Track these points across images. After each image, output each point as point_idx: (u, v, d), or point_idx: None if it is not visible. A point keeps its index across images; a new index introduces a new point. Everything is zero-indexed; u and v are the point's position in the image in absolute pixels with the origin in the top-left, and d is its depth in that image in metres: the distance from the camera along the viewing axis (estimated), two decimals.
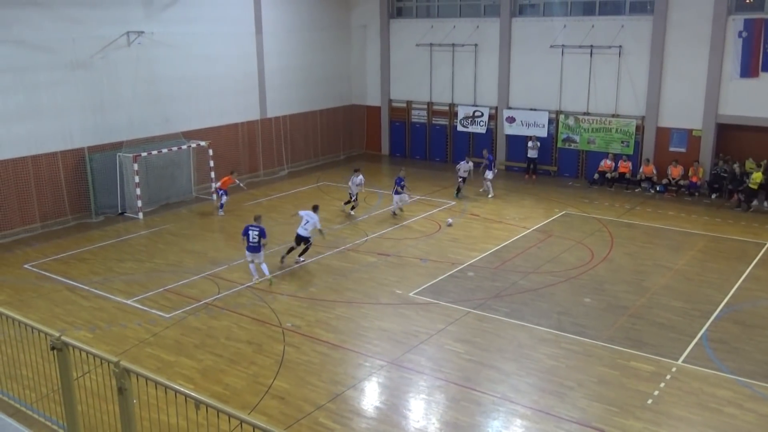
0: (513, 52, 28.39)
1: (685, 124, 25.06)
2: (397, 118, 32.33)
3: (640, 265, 17.72)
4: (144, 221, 22.28)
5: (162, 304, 15.56)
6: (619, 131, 26.29)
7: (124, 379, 6.55)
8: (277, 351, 13.25)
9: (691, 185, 24.55)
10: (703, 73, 24.23)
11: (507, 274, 17.28)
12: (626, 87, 26.04)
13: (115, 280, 17.21)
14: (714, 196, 24.22)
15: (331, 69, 31.59)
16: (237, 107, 27.21)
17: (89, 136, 22.28)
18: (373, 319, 14.76)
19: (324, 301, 15.72)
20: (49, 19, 20.89)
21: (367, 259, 18.49)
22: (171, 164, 24.15)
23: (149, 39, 23.48)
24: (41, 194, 21.28)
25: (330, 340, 13.70)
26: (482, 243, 19.69)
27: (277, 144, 29.11)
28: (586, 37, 26.31)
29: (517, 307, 15.19)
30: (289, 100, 29.42)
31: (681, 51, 24.61)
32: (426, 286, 16.54)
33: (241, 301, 15.76)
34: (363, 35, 32.34)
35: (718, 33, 23.69)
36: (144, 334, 14.08)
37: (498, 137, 29.35)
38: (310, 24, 30.09)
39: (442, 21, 30.04)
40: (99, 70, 22.34)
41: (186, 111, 25.07)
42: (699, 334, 13.77)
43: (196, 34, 25.08)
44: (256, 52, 27.81)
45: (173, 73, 24.45)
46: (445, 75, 30.38)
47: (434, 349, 13.32)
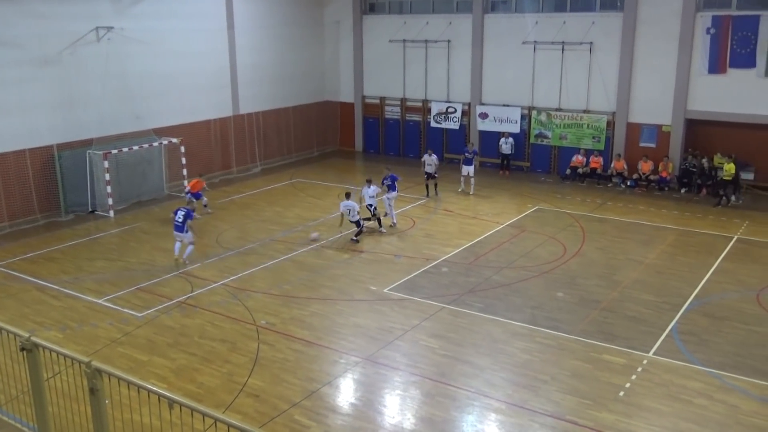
0: (485, 48, 28.51)
1: (655, 119, 25.39)
2: (370, 115, 32.30)
3: (612, 260, 17.94)
4: (115, 219, 22.02)
5: (134, 303, 15.40)
6: (590, 127, 26.56)
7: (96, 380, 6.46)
8: (251, 349, 13.19)
9: (661, 180, 24.89)
10: (672, 70, 24.57)
11: (481, 269, 17.38)
12: (597, 83, 26.30)
13: (85, 279, 16.99)
14: (683, 191, 24.58)
15: (304, 65, 31.46)
16: (209, 104, 26.99)
17: (58, 133, 21.95)
18: (348, 315, 14.75)
19: (298, 298, 15.67)
20: (17, 15, 20.52)
21: (341, 256, 18.47)
22: (142, 161, 23.88)
23: (119, 35, 23.18)
24: (9, 193, 20.92)
25: (305, 338, 13.67)
26: (456, 239, 19.78)
27: (249, 141, 28.94)
28: (557, 34, 26.52)
29: (491, 302, 15.28)
30: (261, 96, 29.25)
31: (651, 47, 24.92)
32: (400, 282, 16.57)
33: (214, 299, 15.65)
34: (336, 31, 32.25)
35: (687, 29, 24.03)
36: (116, 333, 13.93)
37: (471, 133, 29.47)
38: (283, 20, 29.92)
39: (415, 17, 30.06)
40: (68, 66, 22.00)
41: (157, 108, 24.79)
42: (669, 326, 13.98)
43: (167, 30, 24.81)
44: (228, 48, 27.60)
45: (144, 69, 24.16)
46: (419, 71, 30.43)
47: (409, 345, 13.35)
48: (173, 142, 24.33)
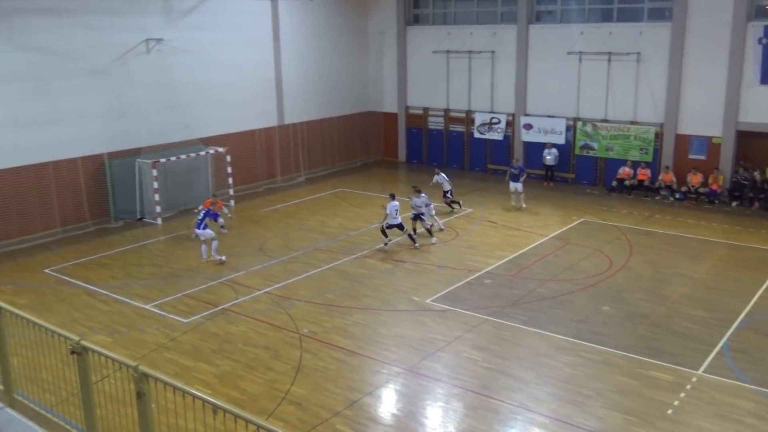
0: (530, 58, 28.31)
1: (705, 131, 24.83)
2: (413, 125, 32.32)
3: (660, 274, 17.55)
4: (162, 227, 22.42)
5: (180, 309, 15.63)
6: (637, 138, 26.11)
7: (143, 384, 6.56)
8: (294, 357, 13.26)
9: (711, 193, 24.31)
10: (723, 80, 24.00)
11: (525, 281, 17.18)
12: (645, 94, 25.87)
13: (133, 284, 17.31)
14: (734, 204, 23.96)
15: (349, 75, 31.67)
16: (255, 114, 27.35)
17: (109, 142, 22.49)
18: (390, 325, 14.73)
19: (340, 307, 15.71)
20: (70, 27, 21.13)
21: (383, 266, 18.47)
22: (189, 170, 24.28)
23: (168, 46, 23.68)
24: (62, 200, 21.49)
25: (347, 347, 13.69)
26: (499, 250, 19.61)
27: (294, 150, 29.21)
28: (603, 44, 26.18)
29: (534, 315, 15.09)
30: (306, 106, 29.52)
31: (700, 57, 24.41)
32: (443, 293, 16.48)
33: (258, 306, 15.79)
34: (380, 42, 32.41)
35: (738, 39, 23.48)
36: (162, 338, 14.15)
37: (515, 144, 29.25)
38: (328, 31, 30.20)
39: (458, 28, 30.03)
40: (118, 77, 22.56)
41: (204, 117, 25.22)
42: (720, 343, 13.60)
43: (215, 41, 25.26)
44: (273, 58, 27.96)
45: (192, 79, 24.63)
46: (462, 82, 30.35)
47: (451, 357, 13.25)
48: (219, 152, 24.69)
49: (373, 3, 32.15)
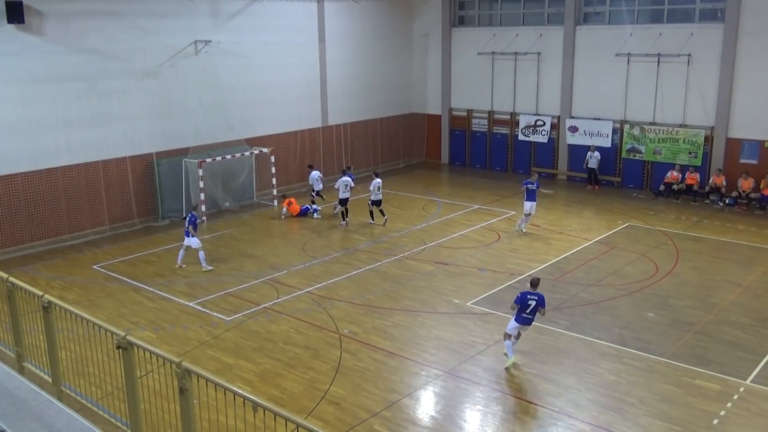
0: (577, 60, 27.96)
1: (757, 135, 24.18)
2: (457, 127, 32.22)
3: (708, 281, 17.15)
4: (207, 225, 22.76)
5: (223, 308, 15.86)
6: (686, 142, 25.56)
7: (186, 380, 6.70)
8: (333, 357, 13.34)
9: (762, 198, 23.65)
10: None
11: (567, 286, 16.98)
12: (695, 96, 25.31)
13: (178, 282, 17.64)
14: None
15: (393, 77, 31.75)
16: (299, 115, 27.61)
17: (157, 142, 22.96)
18: (430, 327, 14.71)
19: (381, 308, 15.75)
20: (121, 29, 21.65)
21: (425, 268, 18.45)
22: (234, 171, 24.62)
23: (216, 48, 24.07)
24: (110, 198, 22.02)
25: (386, 348, 13.72)
26: (542, 254, 19.41)
27: (337, 151, 29.39)
28: (653, 45, 25.71)
29: (577, 320, 14.90)
30: (350, 108, 29.69)
31: (753, 60, 23.79)
32: (484, 296, 16.39)
33: (299, 306, 15.93)
34: (425, 44, 32.39)
35: None
36: (205, 336, 14.38)
37: (560, 147, 28.92)
38: (373, 33, 30.32)
39: (504, 29, 29.83)
40: (167, 78, 23.02)
41: (249, 118, 25.57)
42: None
43: (261, 43, 25.58)
44: (318, 60, 28.18)
45: (238, 81, 25.00)
46: (507, 84, 30.14)
47: (491, 360, 13.17)
48: (264, 152, 24.98)
49: (418, 5, 32.15)
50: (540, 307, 12.72)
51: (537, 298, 12.71)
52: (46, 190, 20.52)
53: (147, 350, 7.32)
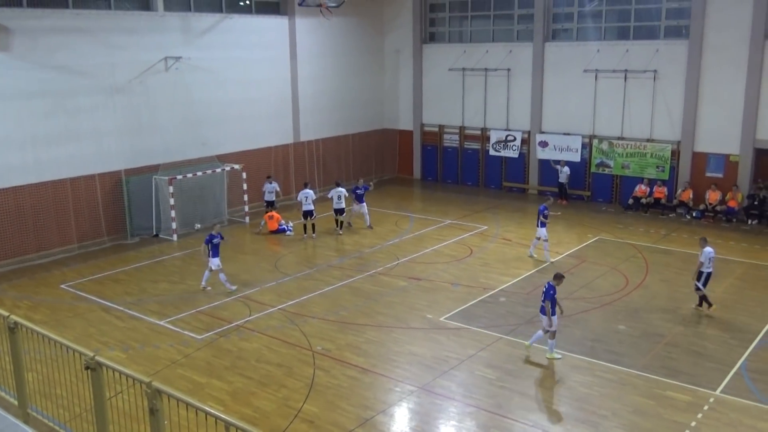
0: (546, 76, 28.34)
1: (722, 149, 24.68)
2: (429, 142, 32.40)
3: (677, 292, 17.39)
4: (178, 243, 22.57)
5: (194, 326, 15.69)
6: (654, 156, 25.99)
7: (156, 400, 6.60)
8: (307, 374, 13.25)
9: (728, 210, 24.10)
10: (740, 97, 23.89)
11: (539, 299, 17.01)
12: (661, 111, 25.78)
13: (148, 300, 17.41)
14: (753, 222, 23.73)
15: (364, 93, 31.87)
16: (271, 131, 27.55)
17: (126, 159, 22.73)
18: (404, 343, 14.69)
19: (354, 324, 15.70)
20: (90, 45, 21.45)
21: (398, 283, 18.46)
22: (205, 187, 24.46)
23: (186, 64, 23.97)
24: (79, 216, 21.71)
25: (360, 364, 13.66)
26: (514, 268, 19.54)
27: (309, 167, 29.36)
28: (620, 62, 26.16)
29: None
30: (322, 124, 29.71)
31: (717, 75, 24.32)
32: (457, 310, 16.43)
33: (272, 323, 15.82)
34: (396, 60, 32.60)
35: (756, 56, 23.37)
36: (176, 355, 14.20)
37: (531, 162, 29.22)
38: (344, 49, 30.44)
39: (474, 46, 30.15)
40: (137, 94, 22.83)
41: (221, 135, 25.45)
42: (738, 363, 13.43)
43: (232, 59, 25.53)
44: (290, 76, 28.19)
45: (209, 97, 24.90)
46: (478, 99, 30.43)
47: (465, 375, 13.19)
48: (235, 169, 24.87)
49: (389, 21, 32.38)
50: (546, 299, 13.63)
51: (545, 287, 13.78)
52: (12, 209, 20.17)
53: (116, 370, 7.20)
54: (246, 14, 26.40)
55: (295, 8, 27.22)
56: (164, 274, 19.54)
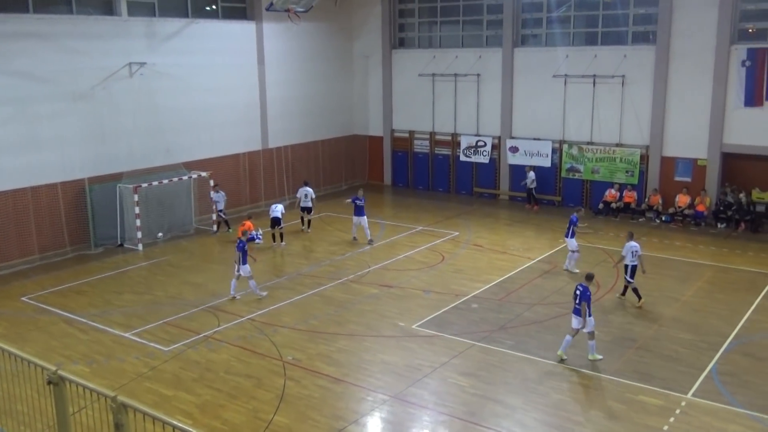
0: (516, 81, 28.60)
1: (690, 153, 25.12)
2: (399, 148, 32.47)
3: (647, 296, 17.58)
4: (143, 253, 22.29)
5: (161, 338, 15.48)
6: (623, 161, 26.36)
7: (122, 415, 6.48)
8: (277, 385, 13.15)
9: (697, 214, 24.50)
10: (707, 103, 24.35)
11: (512, 305, 17.19)
12: (630, 116, 26.17)
13: (113, 312, 17.15)
14: (721, 226, 24.16)
15: (334, 99, 31.85)
16: (239, 138, 27.38)
17: (90, 167, 22.39)
18: (376, 352, 14.66)
19: (325, 333, 15.63)
20: (52, 51, 21.12)
21: (369, 291, 18.43)
22: (171, 195, 24.21)
23: (151, 70, 23.72)
24: (40, 226, 21.32)
25: (331, 374, 13.60)
26: (486, 274, 19.63)
27: (278, 174, 29.22)
28: (588, 67, 26.52)
29: (522, 340, 15.08)
30: (290, 130, 29.61)
31: (684, 80, 24.77)
32: (429, 318, 16.45)
33: (241, 333, 15.68)
34: (365, 65, 32.65)
35: (721, 62, 23.87)
36: (142, 368, 13.99)
37: (501, 167, 29.43)
38: (313, 54, 30.40)
39: (444, 51, 30.33)
40: (100, 101, 22.53)
41: (187, 142, 25.22)
42: (708, 367, 13.64)
43: (198, 65, 25.33)
44: (258, 82, 28.06)
45: (175, 103, 24.66)
46: (448, 105, 30.59)
47: (438, 383, 13.20)
48: (202, 176, 24.65)
49: (358, 27, 32.43)
50: (582, 300, 13.63)
51: (581, 290, 13.82)
52: None
53: (80, 385, 7.05)
54: (212, 19, 26.23)
55: (263, 13, 27.13)
56: (129, 285, 19.27)
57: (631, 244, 17.05)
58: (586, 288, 13.94)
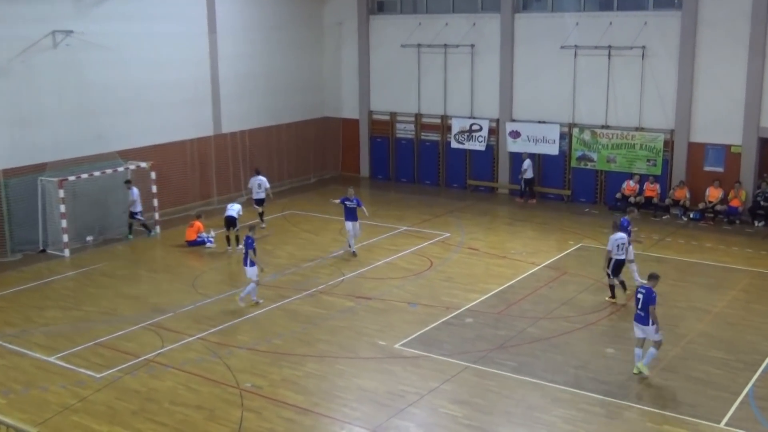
0: (516, 54, 28.70)
1: (723, 139, 25.36)
2: (378, 134, 32.47)
3: (673, 308, 17.73)
4: (71, 260, 22.12)
5: (92, 362, 15.37)
6: (644, 148, 26.54)
7: None
8: (233, 418, 13.09)
9: (730, 211, 24.73)
10: (742, 80, 24.58)
11: (513, 320, 17.25)
12: (652, 95, 26.36)
13: (34, 332, 17.00)
14: (759, 224, 24.41)
15: (300, 75, 31.80)
16: (186, 121, 27.25)
17: (5, 156, 22.20)
18: (351, 376, 14.65)
19: (291, 355, 15.59)
20: None
21: (343, 304, 18.41)
22: (105, 191, 24.03)
23: (79, 40, 23.52)
24: None
25: (299, 404, 13.57)
26: (482, 283, 19.68)
27: (234, 165, 29.10)
28: (603, 37, 26.66)
29: (525, 360, 15.13)
30: (248, 112, 29.53)
31: (715, 53, 24.98)
32: (415, 335, 16.46)
33: (189, 356, 15.60)
34: (338, 35, 32.61)
35: (759, 33, 24.07)
36: (69, 398, 13.88)
37: (500, 155, 29.52)
38: (274, 22, 30.32)
39: (432, 17, 30.36)
40: (18, 77, 22.33)
41: (124, 126, 25.05)
42: (744, 390, 13.76)
43: (137, 35, 25.16)
44: (209, 55, 27.96)
45: (109, 80, 24.49)
46: (437, 82, 30.63)
47: (426, 413, 13.20)
48: (142, 167, 24.50)
49: None
50: (649, 305, 13.90)
51: (644, 292, 14.11)
52: None
53: None
54: None
55: None
56: (54, 299, 19.10)
57: (617, 236, 17.69)
58: (650, 290, 14.19)
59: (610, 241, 17.74)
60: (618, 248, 17.62)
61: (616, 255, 17.67)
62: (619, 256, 17.67)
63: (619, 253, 17.65)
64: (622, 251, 17.69)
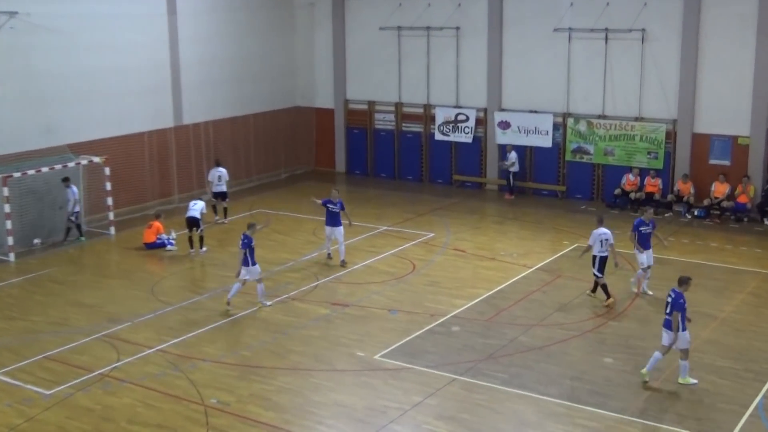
0: (506, 37, 28.76)
1: (729, 129, 25.54)
2: (355, 125, 32.46)
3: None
4: (16, 265, 21.98)
5: (40, 377, 15.26)
6: (644, 139, 26.68)
7: None
8: None
9: (738, 207, 24.89)
10: (750, 65, 24.76)
11: (503, 327, 17.28)
12: (652, 82, 26.49)
13: None
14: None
15: (269, 61, 31.76)
16: (143, 111, 27.15)
17: None
18: (327, 391, 14.63)
19: (261, 368, 15.55)
20: None
21: (318, 311, 18.39)
22: (54, 188, 23.87)
23: (25, 22, 23.37)
24: None
25: (269, 421, 13.53)
26: (470, 287, 19.72)
27: (197, 160, 29.00)
28: (599, 18, 26.76)
29: (517, 372, 15.16)
30: (213, 101, 29.46)
31: (721, 36, 25.13)
32: (396, 345, 16.46)
33: (149, 370, 15.52)
34: (310, 16, 32.59)
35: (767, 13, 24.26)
36: (15, 418, 13.76)
37: (488, 148, 29.58)
38: (241, 2, 30.31)
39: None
40: None
41: (74, 117, 24.94)
42: (754, 402, 13.84)
43: (88, 16, 25.06)
44: (168, 38, 27.85)
45: (57, 67, 24.36)
46: (419, 68, 30.65)
47: (409, 430, 13.19)
48: (95, 162, 24.35)
49: None
50: (674, 310, 14.15)
51: (673, 296, 14.33)
52: None
53: None
54: None
55: None
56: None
57: (601, 231, 18.12)
58: (679, 294, 14.32)
59: (593, 236, 18.21)
60: (601, 244, 18.05)
61: (599, 252, 18.08)
62: (603, 253, 18.08)
63: (602, 249, 18.07)
64: (606, 248, 18.11)
